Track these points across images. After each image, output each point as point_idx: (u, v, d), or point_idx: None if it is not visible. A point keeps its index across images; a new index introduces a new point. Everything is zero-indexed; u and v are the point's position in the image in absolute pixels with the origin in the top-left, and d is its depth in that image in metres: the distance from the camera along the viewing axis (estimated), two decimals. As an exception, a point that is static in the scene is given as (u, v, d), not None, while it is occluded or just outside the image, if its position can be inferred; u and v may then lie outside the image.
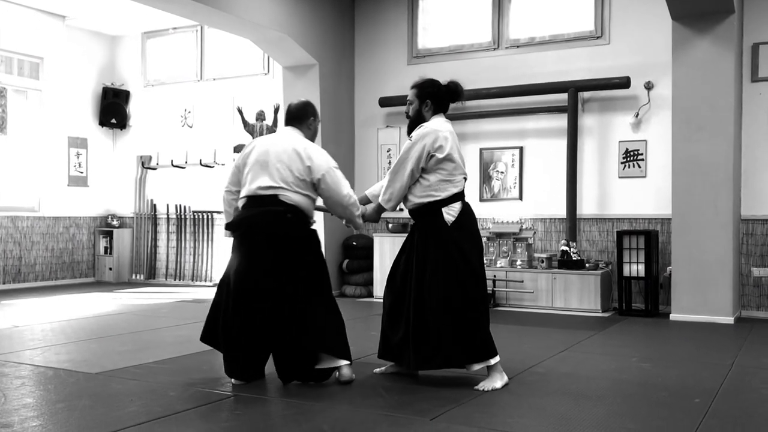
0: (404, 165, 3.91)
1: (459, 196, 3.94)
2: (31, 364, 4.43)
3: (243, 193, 3.97)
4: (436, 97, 4.03)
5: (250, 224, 3.89)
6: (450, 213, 3.89)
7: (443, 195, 3.89)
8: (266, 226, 3.85)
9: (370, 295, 8.08)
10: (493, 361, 3.83)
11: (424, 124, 3.98)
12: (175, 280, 9.81)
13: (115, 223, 10.10)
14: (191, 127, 9.77)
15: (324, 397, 3.63)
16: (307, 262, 3.94)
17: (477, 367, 3.84)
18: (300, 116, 4.12)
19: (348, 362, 3.90)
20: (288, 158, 3.90)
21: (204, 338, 4.09)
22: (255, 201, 3.90)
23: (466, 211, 3.95)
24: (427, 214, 3.93)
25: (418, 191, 3.93)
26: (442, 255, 3.84)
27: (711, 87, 6.36)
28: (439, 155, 3.86)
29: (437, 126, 3.94)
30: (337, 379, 3.90)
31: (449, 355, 3.81)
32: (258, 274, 3.83)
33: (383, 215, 4.32)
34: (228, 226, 4.01)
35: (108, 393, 3.70)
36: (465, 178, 4.01)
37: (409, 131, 4.05)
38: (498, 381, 3.82)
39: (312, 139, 4.13)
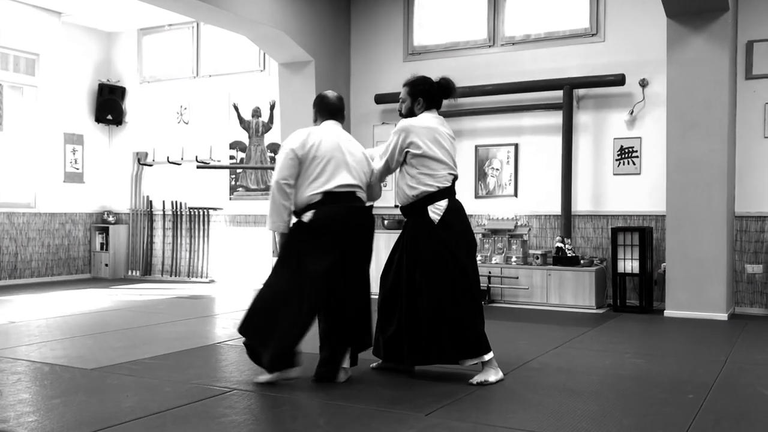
0: (383, 156, 4.03)
1: (445, 193, 3.93)
2: (27, 359, 4.44)
3: (317, 188, 3.81)
4: (428, 95, 4.05)
5: (344, 220, 3.84)
6: (435, 211, 3.89)
7: (427, 189, 3.89)
8: (359, 220, 3.91)
9: (366, 291, 8.09)
10: (486, 357, 3.85)
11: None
12: (171, 276, 9.81)
13: (111, 219, 10.10)
14: (187, 123, 9.76)
15: (320, 392, 3.64)
16: (370, 258, 4.07)
17: (470, 362, 3.86)
18: (342, 109, 4.16)
19: (347, 366, 3.93)
20: (360, 158, 3.99)
21: (243, 331, 3.85)
22: (332, 197, 3.83)
23: (454, 208, 3.94)
24: (415, 212, 3.96)
25: (404, 183, 3.98)
26: (430, 254, 3.86)
27: (705, 84, 6.39)
28: (413, 151, 3.90)
29: (414, 122, 3.97)
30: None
31: (441, 353, 3.84)
32: (353, 266, 3.88)
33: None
34: (313, 222, 3.81)
35: (104, 389, 3.71)
36: (455, 176, 4.00)
37: None
38: (492, 375, 3.84)
39: None
